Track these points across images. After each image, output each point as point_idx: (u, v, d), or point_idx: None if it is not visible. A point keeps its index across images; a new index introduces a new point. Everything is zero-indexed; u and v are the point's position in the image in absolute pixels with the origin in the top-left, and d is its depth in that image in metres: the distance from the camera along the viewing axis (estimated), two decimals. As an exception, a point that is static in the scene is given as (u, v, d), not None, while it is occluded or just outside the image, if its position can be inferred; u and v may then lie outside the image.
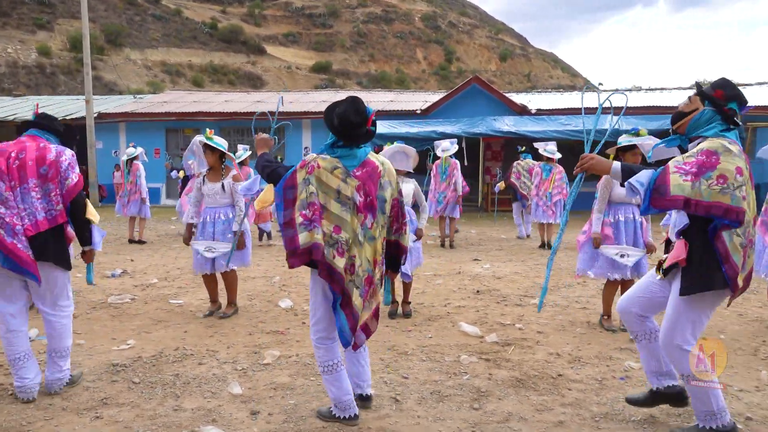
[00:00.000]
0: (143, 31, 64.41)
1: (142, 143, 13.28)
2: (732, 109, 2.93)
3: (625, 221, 5.03)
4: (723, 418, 3.00)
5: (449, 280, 7.30)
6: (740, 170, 2.79)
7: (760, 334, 4.97)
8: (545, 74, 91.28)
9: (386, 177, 3.23)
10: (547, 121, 16.14)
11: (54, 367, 3.74)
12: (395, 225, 3.33)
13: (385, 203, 3.21)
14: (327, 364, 3.25)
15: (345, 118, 3.06)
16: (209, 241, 5.45)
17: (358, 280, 3.09)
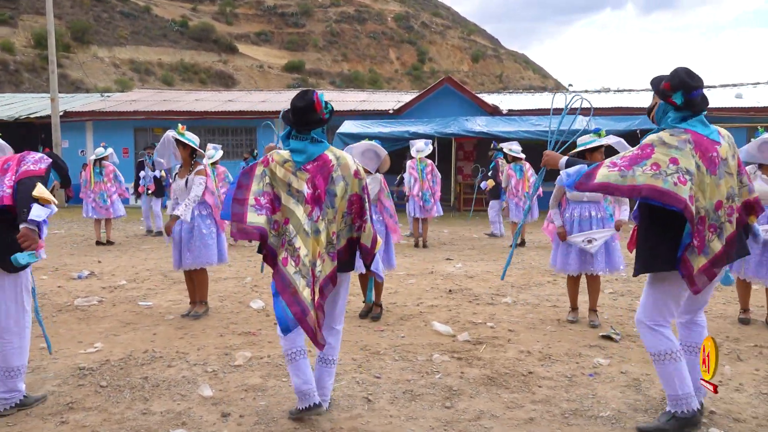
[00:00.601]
0: (111, 29, 63.23)
1: (110, 142, 13.06)
2: (678, 99, 3.02)
3: (579, 219, 5.16)
4: (688, 404, 3.09)
5: (422, 280, 7.32)
6: (674, 160, 2.93)
7: (723, 330, 5.09)
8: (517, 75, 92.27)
9: (339, 172, 3.21)
10: (518, 122, 16.30)
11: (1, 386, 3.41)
12: (357, 222, 3.29)
13: (335, 198, 3.18)
14: (288, 353, 3.27)
15: (292, 105, 3.22)
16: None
17: (304, 270, 3.08)
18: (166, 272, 7.73)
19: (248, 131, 19.40)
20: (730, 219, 3.04)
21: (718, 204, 2.99)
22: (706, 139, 3.02)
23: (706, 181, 2.97)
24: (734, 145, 3.17)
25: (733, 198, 3.06)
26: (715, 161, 2.99)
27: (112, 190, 10.45)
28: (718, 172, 2.99)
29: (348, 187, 3.24)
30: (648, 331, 3.13)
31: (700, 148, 2.97)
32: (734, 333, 5.01)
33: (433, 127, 16.08)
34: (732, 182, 3.07)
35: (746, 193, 3.17)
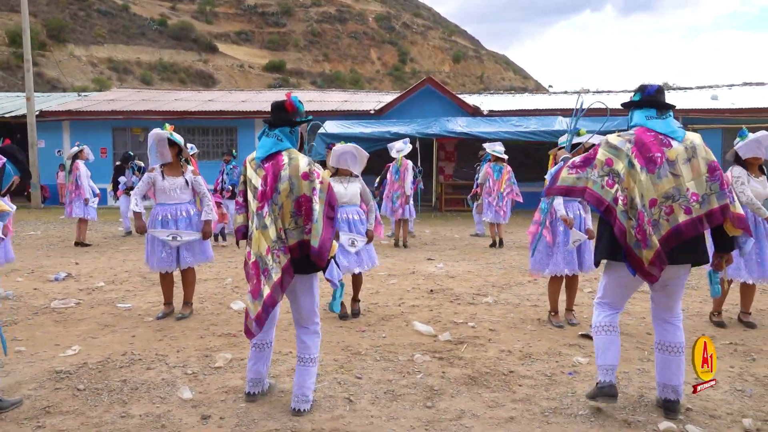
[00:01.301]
0: (88, 27, 62.35)
1: (87, 142, 12.85)
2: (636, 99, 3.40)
3: None
4: (606, 374, 3.34)
5: (403, 280, 7.33)
6: (609, 161, 3.21)
7: (700, 329, 5.17)
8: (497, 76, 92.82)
9: (287, 171, 3.31)
10: (499, 122, 16.41)
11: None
12: (307, 225, 3.30)
13: (278, 195, 3.29)
14: (254, 341, 3.57)
15: (272, 103, 3.55)
16: (172, 230, 5.36)
17: (250, 264, 3.35)
18: (145, 274, 7.65)
19: (229, 131, 19.27)
20: (668, 218, 3.13)
21: (652, 201, 3.15)
22: (654, 139, 3.21)
23: (641, 179, 3.16)
24: (701, 152, 3.20)
25: (674, 198, 3.13)
26: (656, 161, 3.16)
27: (71, 189, 10.27)
28: (658, 171, 3.16)
29: (294, 188, 3.30)
30: (595, 306, 3.52)
31: (640, 147, 3.20)
32: (710, 331, 5.10)
33: (414, 127, 16.12)
34: (677, 183, 3.14)
35: (714, 201, 3.15)
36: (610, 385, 3.34)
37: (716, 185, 3.17)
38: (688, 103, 18.06)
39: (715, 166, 3.20)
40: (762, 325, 5.27)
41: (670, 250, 3.15)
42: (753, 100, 17.84)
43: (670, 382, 3.37)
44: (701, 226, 3.15)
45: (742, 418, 3.33)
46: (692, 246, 3.22)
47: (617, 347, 3.41)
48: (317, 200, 3.30)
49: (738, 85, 21.64)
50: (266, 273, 3.27)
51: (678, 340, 3.39)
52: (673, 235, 3.13)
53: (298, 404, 3.43)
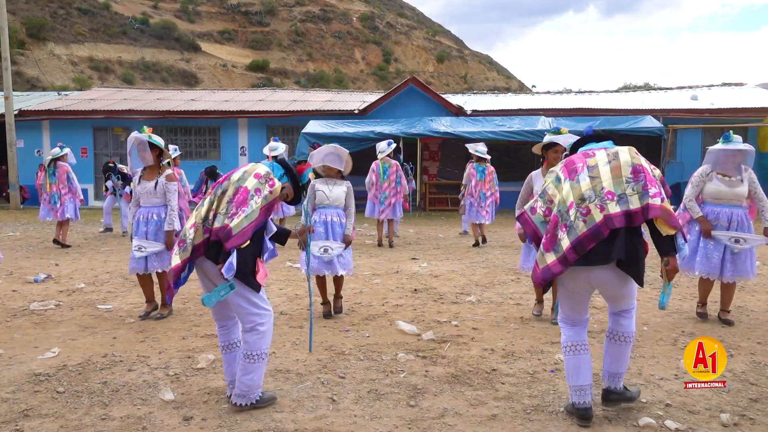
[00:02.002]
0: (68, 25, 61.55)
1: (68, 142, 12.71)
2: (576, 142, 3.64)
3: None
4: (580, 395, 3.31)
5: (387, 280, 7.34)
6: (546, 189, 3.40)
7: (679, 326, 5.25)
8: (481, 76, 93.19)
9: (246, 167, 3.52)
10: (482, 122, 16.48)
11: None
12: (233, 209, 3.33)
13: (227, 182, 3.42)
14: (220, 345, 3.67)
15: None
16: (141, 240, 5.40)
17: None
18: (126, 275, 7.57)
19: (211, 131, 19.14)
20: (584, 218, 3.13)
21: (570, 205, 3.21)
22: (581, 154, 3.38)
23: (564, 188, 3.27)
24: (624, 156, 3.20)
25: (590, 199, 3.14)
26: (577, 170, 3.28)
27: (63, 192, 10.16)
28: (577, 177, 3.25)
29: (241, 179, 3.41)
30: (561, 324, 3.51)
31: (567, 164, 3.37)
32: (689, 328, 5.17)
33: (398, 127, 16.14)
34: (593, 184, 3.16)
35: (636, 201, 3.10)
36: (585, 408, 3.29)
37: (639, 185, 3.12)
38: (669, 104, 18.28)
39: (639, 169, 3.16)
40: (740, 322, 5.35)
41: (589, 253, 3.11)
42: (732, 101, 18.11)
43: (612, 369, 3.42)
44: (617, 221, 3.08)
45: (719, 413, 3.39)
46: (608, 246, 3.12)
47: (587, 366, 3.35)
48: (257, 201, 3.35)
49: (717, 86, 21.95)
50: (182, 244, 3.39)
51: (625, 330, 3.39)
52: (591, 235, 3.09)
53: (235, 398, 3.45)
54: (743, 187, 5.21)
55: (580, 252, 3.12)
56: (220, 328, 3.65)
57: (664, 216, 3.09)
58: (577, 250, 3.12)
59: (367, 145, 15.09)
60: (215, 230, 3.31)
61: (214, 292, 3.30)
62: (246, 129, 18.99)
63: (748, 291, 6.58)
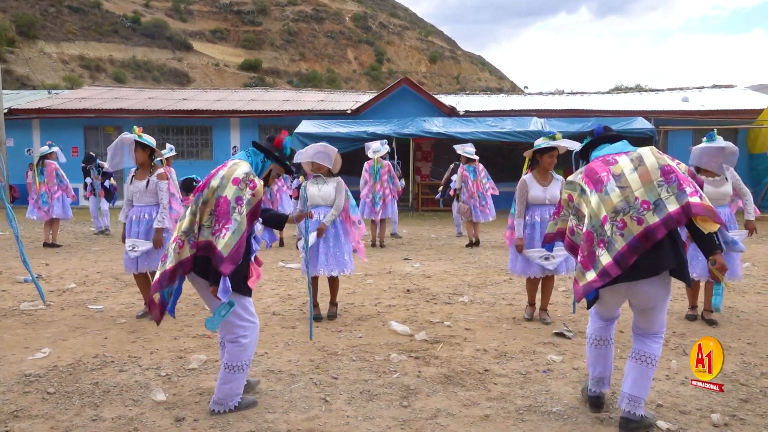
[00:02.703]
0: (59, 23, 61.16)
1: (58, 141, 12.63)
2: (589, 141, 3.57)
3: (541, 222, 5.20)
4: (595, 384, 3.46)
5: (380, 280, 7.34)
6: (570, 197, 3.41)
7: (670, 326, 5.26)
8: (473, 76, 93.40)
9: (223, 171, 3.35)
10: (475, 123, 16.51)
11: None
12: (216, 225, 3.23)
13: (207, 191, 3.30)
14: (220, 341, 3.58)
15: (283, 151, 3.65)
16: (134, 239, 5.41)
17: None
18: (118, 275, 7.53)
19: (203, 130, 19.06)
20: (622, 233, 3.00)
21: (603, 219, 3.08)
22: (601, 161, 3.29)
23: (591, 201, 3.18)
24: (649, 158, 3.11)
25: (624, 211, 3.02)
26: (603, 180, 3.16)
27: (53, 190, 10.07)
28: (605, 188, 3.12)
29: (220, 188, 3.27)
30: (591, 317, 3.55)
31: (588, 173, 3.28)
32: (680, 328, 5.20)
33: (391, 127, 16.14)
34: (624, 195, 3.04)
35: (674, 202, 2.97)
36: (597, 396, 3.45)
37: (673, 186, 3.00)
38: (660, 105, 18.39)
39: (668, 169, 3.05)
40: (730, 323, 5.39)
41: (632, 267, 3.00)
42: (722, 103, 18.25)
43: (634, 392, 3.18)
44: (659, 232, 2.96)
45: (710, 413, 3.41)
46: (653, 257, 3.02)
47: (610, 358, 3.47)
48: (241, 211, 3.23)
49: (708, 88, 22.11)
50: (163, 259, 3.36)
51: (652, 352, 3.23)
52: (630, 249, 2.98)
53: (212, 404, 3.43)
54: (728, 186, 5.25)
55: (623, 267, 2.99)
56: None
57: (707, 213, 2.92)
58: (620, 264, 3.00)
59: (360, 145, 15.03)
60: (201, 245, 3.24)
61: (216, 314, 3.28)
62: (238, 129, 18.93)
63: (738, 292, 6.63)
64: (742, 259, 8.37)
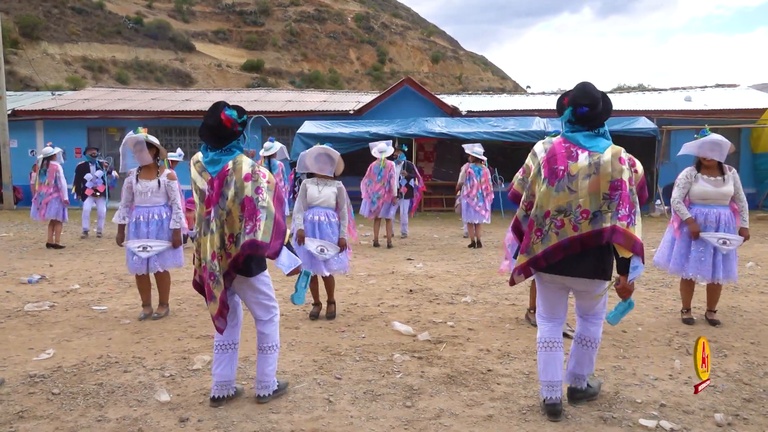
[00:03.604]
0: (62, 25, 61.34)
1: (62, 142, 12.69)
2: (567, 113, 3.29)
3: None
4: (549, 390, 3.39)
5: (382, 280, 7.34)
6: (529, 167, 3.39)
7: (673, 326, 5.27)
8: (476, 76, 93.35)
9: (233, 176, 3.34)
10: (477, 123, 16.50)
11: None
12: (248, 224, 3.28)
13: (226, 200, 3.32)
14: (216, 344, 3.60)
15: (204, 122, 3.39)
16: (144, 240, 5.39)
17: (199, 268, 3.46)
18: (121, 276, 7.56)
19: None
20: (558, 231, 3.19)
21: (546, 213, 3.23)
22: (565, 151, 3.24)
23: (541, 189, 3.26)
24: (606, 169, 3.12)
25: (566, 213, 3.16)
26: (558, 174, 3.20)
27: (49, 191, 10.10)
28: (557, 184, 3.20)
29: (239, 192, 3.32)
30: (537, 320, 3.58)
31: (549, 158, 3.27)
32: (683, 328, 5.20)
33: (393, 127, 16.14)
34: (571, 198, 3.15)
35: (608, 219, 3.11)
36: (553, 403, 3.35)
37: (614, 204, 3.11)
38: (662, 105, 18.35)
39: (617, 185, 3.11)
40: (733, 323, 5.38)
41: (561, 262, 3.21)
42: (725, 102, 18.19)
43: (576, 370, 3.52)
44: (588, 242, 3.14)
45: (714, 413, 3.41)
46: (588, 261, 3.21)
47: (560, 362, 3.40)
48: (264, 197, 3.30)
49: (711, 87, 22.04)
50: (213, 277, 3.36)
51: (592, 335, 3.49)
52: (559, 248, 3.18)
53: (260, 390, 3.56)
54: (728, 186, 5.24)
55: (549, 261, 3.23)
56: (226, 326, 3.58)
57: (626, 243, 3.10)
58: (547, 259, 3.24)
59: (362, 145, 15.06)
60: (245, 245, 3.25)
61: (298, 289, 3.64)
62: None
63: (741, 292, 6.62)
64: (745, 259, 8.38)
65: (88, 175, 11.58)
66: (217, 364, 3.56)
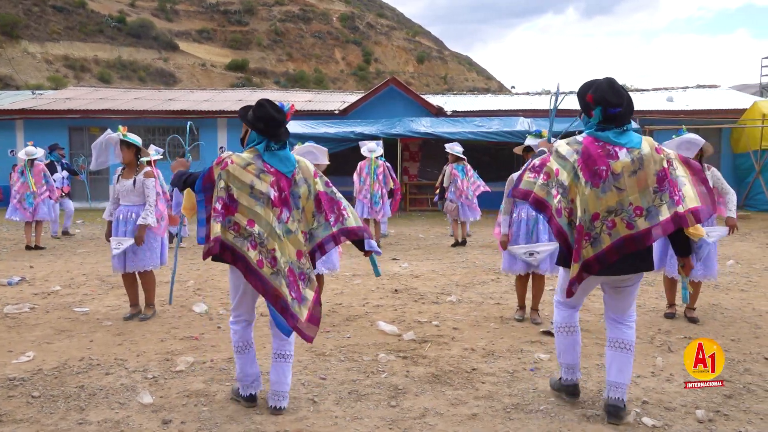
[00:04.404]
0: (43, 23, 60.55)
1: (43, 142, 12.50)
2: (597, 113, 3.17)
3: (527, 219, 5.23)
4: (572, 372, 3.50)
5: (368, 280, 7.34)
6: (557, 171, 3.24)
7: (656, 323, 5.33)
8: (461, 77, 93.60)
9: (300, 174, 3.36)
10: (462, 123, 16.55)
11: None
12: (331, 217, 3.38)
13: (299, 199, 3.33)
14: (238, 345, 3.49)
15: (269, 117, 3.27)
16: (120, 238, 5.38)
17: (282, 272, 3.22)
18: (104, 277, 7.48)
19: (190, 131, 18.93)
20: (610, 232, 3.08)
21: (594, 216, 3.10)
22: (602, 151, 3.12)
23: (585, 193, 3.11)
24: (649, 162, 3.10)
25: (617, 212, 3.08)
26: (602, 174, 3.09)
27: (41, 191, 9.98)
28: (602, 185, 3.08)
29: (311, 188, 3.38)
30: (556, 305, 3.59)
31: (586, 159, 3.13)
32: (666, 326, 5.25)
33: (378, 127, 16.14)
34: (620, 197, 3.07)
35: (665, 211, 3.06)
36: (573, 384, 3.51)
37: (666, 195, 3.08)
38: (645, 105, 18.53)
39: (663, 174, 3.09)
40: (714, 320, 5.45)
41: (614, 262, 3.11)
42: (706, 102, 18.43)
43: (619, 379, 3.28)
44: (646, 240, 3.07)
45: (695, 410, 3.45)
46: (637, 256, 3.17)
47: (577, 346, 3.51)
48: (335, 189, 3.46)
49: (692, 88, 22.32)
50: (303, 276, 3.29)
51: (629, 339, 3.34)
52: (614, 249, 3.08)
53: (277, 401, 3.42)
54: None
55: (603, 264, 3.11)
56: (243, 324, 3.48)
57: (692, 221, 3.05)
58: (601, 262, 3.10)
59: (348, 145, 15.06)
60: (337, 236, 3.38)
61: (375, 265, 3.79)
62: (225, 129, 18.85)
63: (722, 289, 6.71)
64: (726, 257, 8.49)
65: (57, 176, 11.44)
66: (242, 363, 3.46)
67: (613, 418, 3.26)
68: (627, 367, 3.32)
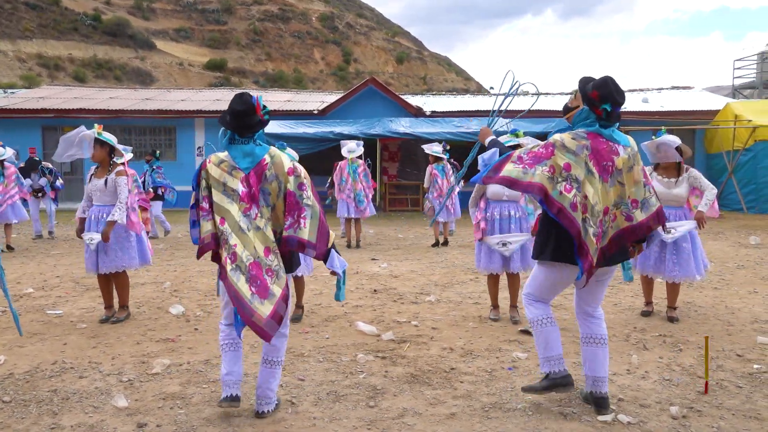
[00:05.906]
0: (15, 20, 59.39)
1: (15, 142, 12.30)
2: (604, 110, 3.23)
3: (500, 218, 5.28)
4: (558, 364, 3.44)
5: (347, 281, 7.30)
6: (567, 166, 3.18)
7: (631, 322, 5.39)
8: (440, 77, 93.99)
9: (272, 170, 3.25)
10: (441, 123, 16.62)
11: None
12: (288, 219, 3.23)
13: (269, 196, 3.25)
14: (225, 343, 3.42)
15: (232, 109, 3.23)
16: (92, 233, 5.30)
17: (242, 266, 3.17)
18: (78, 278, 7.35)
19: (167, 131, 18.75)
20: (612, 224, 3.26)
21: (605, 210, 3.23)
22: (606, 147, 3.23)
23: (597, 187, 3.20)
24: (637, 156, 3.32)
25: (618, 206, 3.26)
26: (609, 170, 3.23)
27: (12, 193, 9.78)
28: (610, 180, 3.24)
29: (282, 185, 3.25)
30: (528, 302, 3.53)
31: (596, 155, 3.21)
32: (641, 324, 5.32)
33: (357, 127, 16.14)
34: (621, 192, 3.26)
35: (654, 203, 3.30)
36: (564, 375, 3.42)
37: (650, 189, 3.32)
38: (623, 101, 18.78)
39: (644, 170, 3.33)
40: (688, 317, 5.54)
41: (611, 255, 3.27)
42: (681, 103, 18.75)
43: (598, 373, 3.41)
44: (645, 231, 3.26)
45: (669, 406, 3.49)
46: (623, 249, 3.37)
47: (558, 336, 3.49)
48: (308, 195, 3.25)
49: (667, 89, 22.68)
50: (270, 272, 3.19)
51: (603, 332, 3.47)
52: (615, 240, 3.25)
53: (263, 406, 3.38)
54: (680, 189, 5.37)
55: (605, 256, 3.24)
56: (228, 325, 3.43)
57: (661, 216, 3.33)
58: (604, 253, 3.23)
59: (326, 145, 15.04)
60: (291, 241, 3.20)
61: (340, 288, 3.56)
62: (203, 129, 18.68)
63: (695, 288, 6.82)
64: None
65: (27, 180, 11.19)
66: (231, 362, 3.37)
67: (603, 409, 3.39)
68: (606, 360, 3.47)
